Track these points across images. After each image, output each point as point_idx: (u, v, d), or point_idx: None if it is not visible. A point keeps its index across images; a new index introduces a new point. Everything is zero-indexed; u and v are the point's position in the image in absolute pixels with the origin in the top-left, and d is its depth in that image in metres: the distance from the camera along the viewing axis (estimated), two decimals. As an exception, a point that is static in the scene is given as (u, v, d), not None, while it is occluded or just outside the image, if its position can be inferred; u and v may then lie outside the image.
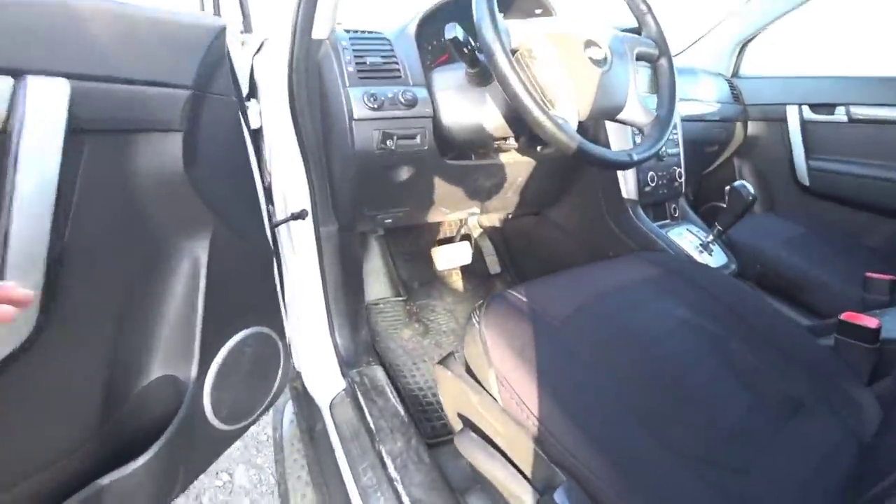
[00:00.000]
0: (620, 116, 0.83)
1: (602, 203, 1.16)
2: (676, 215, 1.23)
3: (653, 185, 1.12)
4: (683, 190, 1.24)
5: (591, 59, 0.76)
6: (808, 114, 1.53)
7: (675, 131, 1.21)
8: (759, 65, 1.69)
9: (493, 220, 1.58)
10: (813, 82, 1.54)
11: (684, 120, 1.35)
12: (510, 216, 1.49)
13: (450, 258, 1.49)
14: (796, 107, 1.55)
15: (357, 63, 0.84)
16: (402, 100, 0.83)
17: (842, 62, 1.55)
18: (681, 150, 1.22)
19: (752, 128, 1.67)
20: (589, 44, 0.77)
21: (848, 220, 1.50)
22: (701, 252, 1.09)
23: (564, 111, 0.72)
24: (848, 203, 1.50)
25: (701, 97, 1.48)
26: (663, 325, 0.71)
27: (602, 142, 1.08)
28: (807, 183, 1.55)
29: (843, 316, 0.78)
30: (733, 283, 0.86)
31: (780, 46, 1.69)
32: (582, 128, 1.03)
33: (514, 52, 0.71)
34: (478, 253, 1.59)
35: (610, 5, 0.96)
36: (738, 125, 1.63)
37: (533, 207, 1.33)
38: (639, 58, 0.87)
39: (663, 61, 0.88)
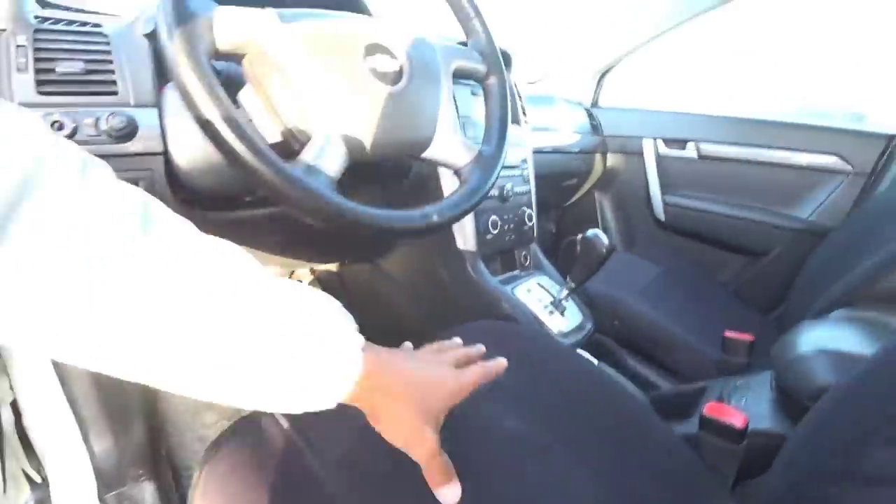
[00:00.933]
0: (428, 154, 0.60)
1: (435, 254, 0.95)
2: (528, 264, 1.06)
3: (495, 231, 0.93)
4: (535, 234, 1.07)
5: (374, 71, 0.53)
6: (663, 148, 1.49)
7: (524, 166, 1.04)
8: (619, 96, 1.64)
9: (328, 265, 1.31)
10: (667, 117, 1.50)
11: (539, 152, 1.20)
12: (346, 261, 1.23)
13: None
14: (652, 140, 1.50)
15: (39, 68, 0.52)
16: (109, 127, 0.53)
17: (696, 99, 1.53)
18: (531, 188, 1.05)
19: (612, 160, 1.59)
20: (373, 49, 0.53)
21: (703, 256, 1.47)
22: (552, 313, 0.92)
23: (319, 149, 0.48)
24: (701, 239, 1.46)
25: (558, 127, 1.35)
26: (496, 450, 0.50)
27: (431, 187, 0.86)
28: (662, 218, 1.49)
29: (706, 410, 0.63)
30: (583, 367, 0.68)
31: (642, 78, 1.66)
32: (379, 168, 0.80)
33: (232, 54, 0.46)
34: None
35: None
36: (598, 157, 1.55)
37: (358, 256, 1.08)
38: (459, 75, 0.66)
39: (493, 81, 0.68)
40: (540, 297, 0.95)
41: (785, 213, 1.32)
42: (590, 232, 0.84)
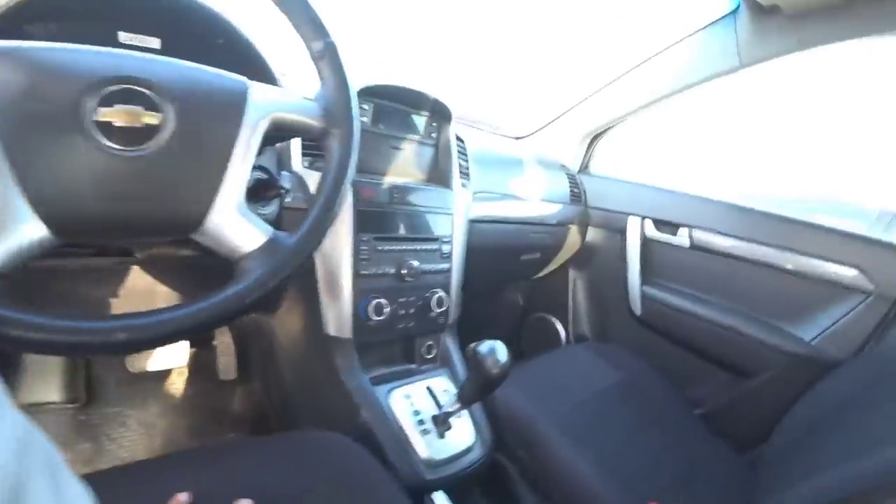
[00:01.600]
0: (197, 237, 0.45)
1: (305, 335, 0.79)
2: (432, 357, 0.88)
3: (381, 317, 0.76)
4: (450, 321, 0.89)
5: (105, 127, 0.38)
6: (651, 230, 1.29)
7: (446, 239, 0.87)
8: (613, 164, 1.45)
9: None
10: (661, 195, 1.30)
11: (480, 221, 1.02)
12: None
13: (150, 359, 1.06)
14: (639, 219, 1.30)
15: None
16: None
17: (698, 179, 1.32)
18: (453, 266, 0.88)
19: (593, 235, 1.40)
20: (114, 98, 0.39)
21: (679, 364, 1.24)
22: (426, 432, 0.73)
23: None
24: (680, 343, 1.24)
25: (522, 193, 1.18)
26: None
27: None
28: (638, 312, 1.28)
29: None
30: None
31: (639, 148, 1.47)
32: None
33: None
34: (212, 350, 1.17)
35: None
36: (575, 229, 1.36)
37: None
38: (281, 130, 0.51)
39: (334, 141, 0.52)
40: (424, 406, 0.77)
41: (785, 329, 1.08)
42: (484, 345, 0.66)
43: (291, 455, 0.56)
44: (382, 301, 0.76)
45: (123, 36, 0.62)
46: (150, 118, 0.40)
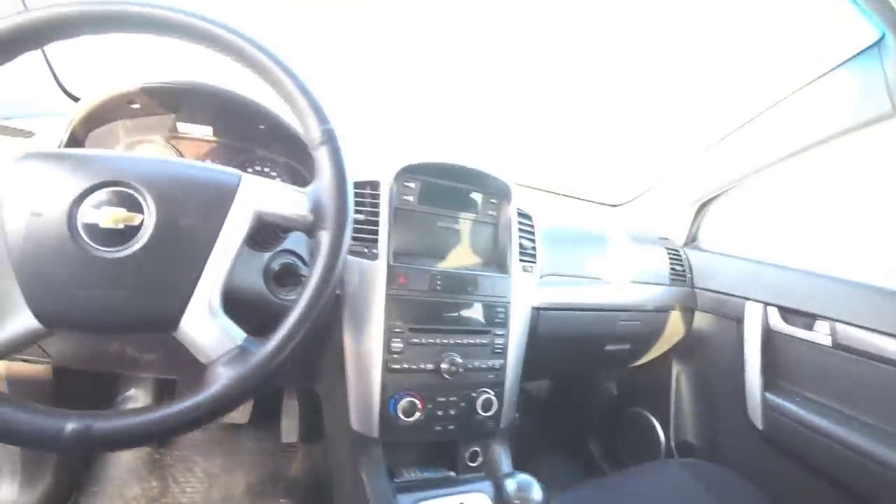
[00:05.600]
0: (178, 336, 0.44)
1: (338, 421, 0.74)
2: (475, 465, 0.76)
3: (413, 418, 0.68)
4: (502, 426, 0.78)
5: (85, 227, 0.41)
6: (776, 320, 1.03)
7: (500, 332, 0.77)
8: (726, 237, 1.23)
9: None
10: (791, 276, 1.03)
11: (550, 309, 0.90)
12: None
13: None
14: (761, 306, 1.05)
15: None
16: None
17: (838, 260, 1.05)
18: (507, 363, 0.78)
19: (700, 320, 1.18)
20: (100, 198, 0.41)
21: (814, 496, 0.95)
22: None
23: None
24: (815, 471, 0.95)
25: (607, 274, 1.02)
26: None
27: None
28: (760, 426, 1.02)
29: None
30: None
31: (763, 217, 1.23)
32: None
33: None
34: (274, 412, 1.18)
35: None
36: (677, 314, 1.15)
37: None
38: (269, 225, 0.48)
39: (323, 239, 0.48)
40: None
41: None
42: (513, 482, 0.54)
43: None
44: (416, 400, 0.69)
45: (181, 126, 0.68)
46: (131, 219, 0.41)
